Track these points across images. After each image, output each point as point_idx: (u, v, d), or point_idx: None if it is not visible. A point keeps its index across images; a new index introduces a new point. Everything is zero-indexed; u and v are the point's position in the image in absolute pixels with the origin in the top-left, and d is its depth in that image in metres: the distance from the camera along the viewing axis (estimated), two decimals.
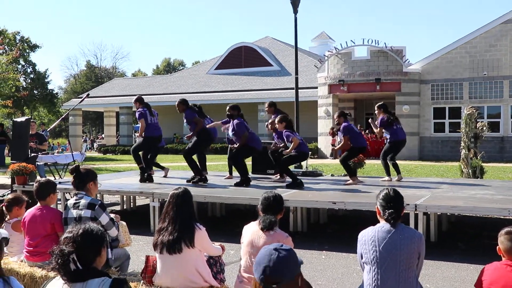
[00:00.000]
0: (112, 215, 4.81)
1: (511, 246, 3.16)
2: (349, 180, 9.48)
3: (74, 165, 4.87)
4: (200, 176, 9.42)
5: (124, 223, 4.95)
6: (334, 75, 25.92)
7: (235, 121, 9.12)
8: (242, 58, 36.98)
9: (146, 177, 9.64)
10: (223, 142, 22.60)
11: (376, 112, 9.81)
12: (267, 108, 10.13)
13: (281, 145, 9.48)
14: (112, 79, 53.81)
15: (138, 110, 9.50)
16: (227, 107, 9.43)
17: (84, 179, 4.73)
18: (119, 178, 10.91)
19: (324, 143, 26.29)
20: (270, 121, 10.04)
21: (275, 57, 37.20)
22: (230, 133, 9.30)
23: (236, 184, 9.05)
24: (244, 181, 9.04)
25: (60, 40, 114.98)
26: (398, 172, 9.88)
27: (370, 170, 10.21)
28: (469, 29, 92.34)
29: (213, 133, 9.77)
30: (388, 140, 9.83)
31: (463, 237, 7.77)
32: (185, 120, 9.38)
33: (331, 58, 26.22)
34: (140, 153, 9.79)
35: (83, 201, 4.58)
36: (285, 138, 8.97)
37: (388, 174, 9.84)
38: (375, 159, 10.07)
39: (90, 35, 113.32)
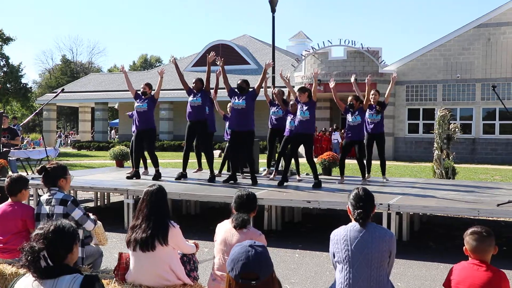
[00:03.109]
0: (92, 216, 4.74)
1: (476, 245, 3.23)
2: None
3: (40, 166, 4.76)
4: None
5: (100, 223, 4.88)
6: (311, 74, 26.04)
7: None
8: (220, 55, 36.77)
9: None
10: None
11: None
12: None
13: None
14: (88, 74, 53.10)
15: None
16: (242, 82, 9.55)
17: (52, 178, 4.64)
18: (93, 175, 10.79)
19: None
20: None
21: (252, 55, 37.17)
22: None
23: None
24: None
25: (35, 34, 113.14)
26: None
27: (346, 170, 10.29)
28: (444, 31, 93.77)
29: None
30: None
31: (435, 236, 7.90)
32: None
33: (308, 58, 26.34)
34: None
35: (55, 197, 4.52)
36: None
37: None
38: (352, 158, 10.05)
39: (66, 29, 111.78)
